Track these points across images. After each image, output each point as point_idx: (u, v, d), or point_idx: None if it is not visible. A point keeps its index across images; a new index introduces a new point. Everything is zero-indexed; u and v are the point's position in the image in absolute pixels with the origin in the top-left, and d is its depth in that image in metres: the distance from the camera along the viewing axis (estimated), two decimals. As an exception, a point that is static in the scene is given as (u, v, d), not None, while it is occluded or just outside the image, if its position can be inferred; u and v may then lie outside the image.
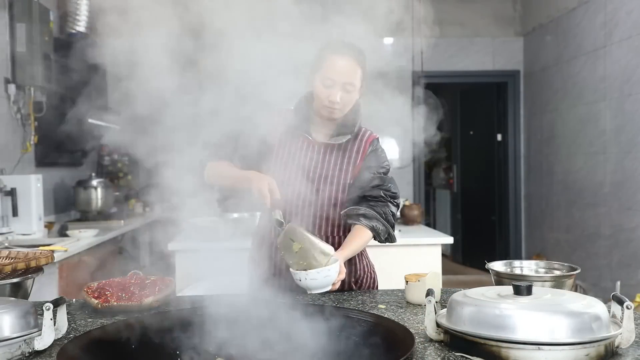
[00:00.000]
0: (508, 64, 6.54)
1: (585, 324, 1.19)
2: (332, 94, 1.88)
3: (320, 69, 1.90)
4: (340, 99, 1.89)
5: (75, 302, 1.86)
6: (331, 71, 1.88)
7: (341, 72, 1.88)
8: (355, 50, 1.93)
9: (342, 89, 1.89)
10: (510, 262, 1.87)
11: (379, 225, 1.96)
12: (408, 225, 4.16)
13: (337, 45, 1.92)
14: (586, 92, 5.11)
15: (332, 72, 1.88)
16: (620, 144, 4.59)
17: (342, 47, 1.91)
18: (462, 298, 1.33)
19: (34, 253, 1.88)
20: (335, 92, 1.88)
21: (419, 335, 1.41)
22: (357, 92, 1.95)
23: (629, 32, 4.45)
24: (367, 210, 1.96)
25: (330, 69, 1.88)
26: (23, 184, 3.58)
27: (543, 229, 6.10)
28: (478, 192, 7.34)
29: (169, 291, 1.78)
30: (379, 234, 1.97)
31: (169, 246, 3.33)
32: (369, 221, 1.95)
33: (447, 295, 1.81)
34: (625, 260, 4.54)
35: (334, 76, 1.88)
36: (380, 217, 1.96)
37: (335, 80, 1.88)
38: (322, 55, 1.92)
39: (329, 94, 1.89)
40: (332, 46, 1.92)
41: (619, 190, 4.60)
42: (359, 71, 1.92)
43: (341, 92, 1.89)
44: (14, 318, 1.29)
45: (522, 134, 6.56)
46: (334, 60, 1.89)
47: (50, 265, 2.00)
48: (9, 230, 3.47)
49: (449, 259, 7.63)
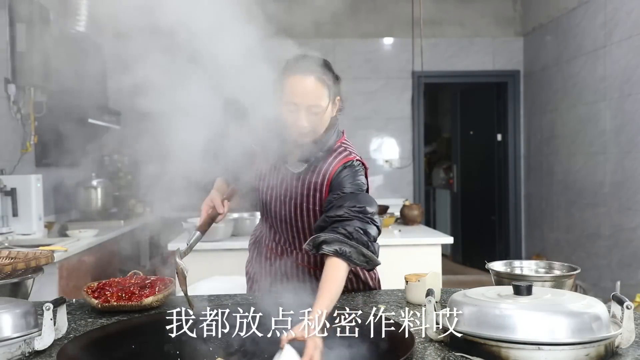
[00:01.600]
0: (508, 64, 6.54)
1: (585, 324, 1.19)
2: (299, 119, 1.70)
3: (283, 92, 1.71)
4: (309, 123, 1.71)
5: (75, 302, 1.86)
6: (292, 95, 1.69)
7: (303, 95, 1.69)
8: (316, 67, 1.71)
9: (307, 112, 1.70)
10: (510, 262, 1.88)
11: (345, 247, 1.62)
12: (408, 225, 4.16)
13: (296, 64, 1.72)
14: (586, 92, 5.11)
15: (294, 96, 1.69)
16: (620, 144, 4.59)
17: (300, 66, 1.70)
18: (462, 298, 1.33)
19: (34, 253, 1.88)
20: (300, 116, 1.69)
21: (419, 335, 1.41)
22: (325, 111, 1.73)
23: (629, 32, 4.45)
24: (327, 235, 1.65)
25: (291, 93, 1.69)
26: (23, 184, 3.58)
27: (543, 229, 6.10)
28: (478, 192, 7.34)
29: (169, 291, 1.78)
30: (350, 258, 1.62)
31: (169, 246, 3.33)
32: (329, 246, 1.63)
33: (447, 295, 1.81)
34: (625, 260, 4.54)
35: (296, 100, 1.69)
36: (344, 237, 1.63)
37: (298, 105, 1.69)
38: (282, 77, 1.72)
39: (295, 120, 1.70)
40: (290, 66, 1.72)
41: (619, 190, 4.60)
42: (323, 90, 1.71)
43: (307, 115, 1.70)
44: (14, 318, 1.29)
45: (522, 134, 6.56)
46: (293, 82, 1.69)
47: (50, 265, 2.00)
48: (9, 230, 3.47)
49: (449, 259, 7.63)
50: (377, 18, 6.43)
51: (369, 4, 6.42)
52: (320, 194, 1.80)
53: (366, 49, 6.38)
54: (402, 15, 6.25)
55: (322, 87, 1.71)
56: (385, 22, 6.44)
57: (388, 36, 6.47)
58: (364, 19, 6.42)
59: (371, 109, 6.35)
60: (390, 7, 6.41)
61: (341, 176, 1.78)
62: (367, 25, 6.42)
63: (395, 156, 6.53)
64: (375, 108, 6.38)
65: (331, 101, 1.75)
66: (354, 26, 6.40)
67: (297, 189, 1.83)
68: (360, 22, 6.41)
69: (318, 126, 1.75)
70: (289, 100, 1.70)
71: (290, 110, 1.70)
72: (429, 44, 5.91)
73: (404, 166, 6.50)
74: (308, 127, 1.72)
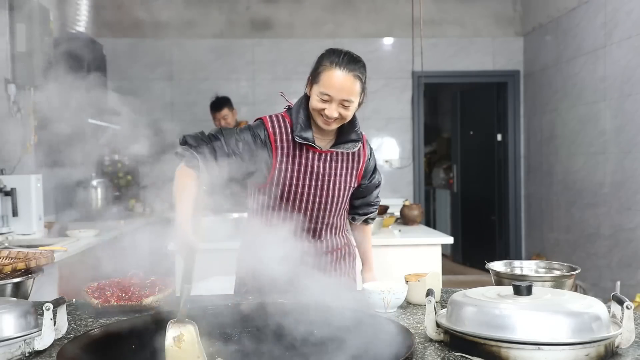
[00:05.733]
0: (508, 64, 6.54)
1: (585, 324, 1.19)
2: (329, 110, 1.82)
3: (318, 80, 1.83)
4: (338, 114, 1.84)
5: (75, 302, 1.86)
6: (329, 86, 1.80)
7: (340, 89, 1.80)
8: (355, 65, 1.83)
9: (339, 105, 1.82)
10: (510, 262, 1.88)
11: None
12: (408, 225, 4.16)
13: (338, 58, 1.82)
14: (586, 92, 5.11)
15: (330, 87, 1.80)
16: (620, 144, 4.59)
17: (342, 61, 1.81)
18: (462, 298, 1.33)
19: (34, 253, 1.88)
20: (332, 107, 1.82)
21: (419, 335, 1.41)
22: (354, 106, 1.87)
23: (629, 32, 4.45)
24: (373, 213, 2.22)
25: (327, 84, 1.80)
26: (23, 184, 3.58)
27: (543, 229, 6.10)
28: (478, 192, 7.34)
29: (169, 291, 1.78)
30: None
31: (169, 246, 3.33)
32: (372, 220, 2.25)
33: (447, 295, 1.81)
34: (625, 260, 4.54)
35: (332, 92, 1.80)
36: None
37: (332, 97, 1.81)
38: (321, 66, 1.83)
39: (326, 109, 1.82)
40: (332, 58, 1.83)
41: (619, 190, 4.60)
42: (357, 87, 1.83)
43: (338, 108, 1.82)
44: (14, 318, 1.29)
45: (522, 134, 6.56)
46: (332, 75, 1.80)
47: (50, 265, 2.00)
48: (9, 230, 3.47)
49: (449, 259, 7.63)
50: (377, 18, 6.44)
51: (369, 4, 6.42)
52: (356, 172, 2.04)
53: (366, 49, 6.36)
54: (402, 15, 6.25)
55: (358, 86, 1.84)
56: (385, 22, 6.44)
57: (388, 36, 6.47)
58: (364, 19, 6.42)
59: (371, 109, 6.34)
60: (390, 7, 6.41)
61: (373, 153, 2.11)
62: (367, 25, 6.42)
63: (395, 156, 6.53)
64: (375, 108, 6.38)
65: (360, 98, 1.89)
66: (354, 26, 6.40)
67: (331, 170, 1.98)
68: (360, 22, 6.41)
69: (345, 118, 1.88)
70: (323, 89, 1.81)
71: (323, 100, 1.82)
72: (429, 44, 5.91)
73: (404, 166, 6.51)
74: (337, 118, 1.84)
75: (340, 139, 1.96)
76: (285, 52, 6.31)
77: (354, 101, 1.84)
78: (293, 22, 6.38)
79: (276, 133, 1.92)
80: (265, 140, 1.91)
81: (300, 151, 1.93)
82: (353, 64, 1.83)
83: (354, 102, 1.84)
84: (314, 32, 6.32)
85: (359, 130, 1.98)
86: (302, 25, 6.37)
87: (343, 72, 1.80)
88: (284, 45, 6.29)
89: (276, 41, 6.33)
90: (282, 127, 1.93)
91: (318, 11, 6.39)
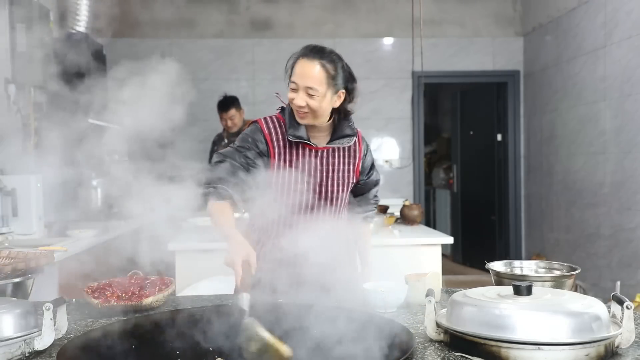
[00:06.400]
0: (508, 64, 6.54)
1: (585, 324, 1.19)
2: (297, 99, 1.86)
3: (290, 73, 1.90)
4: (306, 104, 1.86)
5: (75, 302, 1.86)
6: (294, 75, 1.87)
7: (301, 76, 1.85)
8: (322, 54, 1.87)
9: (304, 93, 1.85)
10: (510, 262, 1.88)
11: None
12: (408, 225, 4.16)
13: (306, 49, 1.89)
14: (586, 92, 5.11)
15: (294, 75, 1.87)
16: (620, 144, 4.59)
17: (308, 51, 1.88)
18: (462, 298, 1.33)
19: (34, 253, 1.88)
20: (299, 96, 1.86)
21: (419, 335, 1.41)
22: (323, 97, 1.86)
23: (629, 32, 4.45)
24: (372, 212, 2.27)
25: (294, 74, 1.88)
26: (23, 184, 3.58)
27: (543, 229, 6.10)
28: (478, 192, 7.34)
29: (169, 291, 1.78)
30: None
31: (169, 246, 3.33)
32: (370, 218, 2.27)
33: (447, 295, 1.81)
34: (625, 260, 4.54)
35: (296, 79, 1.86)
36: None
37: (298, 84, 1.86)
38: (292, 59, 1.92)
39: (295, 99, 1.87)
40: (301, 50, 1.90)
41: (619, 190, 4.60)
42: (322, 75, 1.84)
43: (305, 97, 1.85)
44: (14, 318, 1.29)
45: (522, 134, 6.56)
46: (297, 64, 1.88)
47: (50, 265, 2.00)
48: (9, 230, 3.46)
49: (449, 259, 7.63)
50: (377, 18, 6.43)
51: (369, 4, 6.42)
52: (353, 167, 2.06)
53: (366, 49, 6.38)
54: (402, 15, 6.25)
55: (322, 73, 1.84)
56: (385, 22, 6.44)
57: (388, 36, 6.47)
58: (364, 19, 6.42)
59: (371, 109, 6.34)
60: (390, 7, 6.40)
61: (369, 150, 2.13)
62: (367, 25, 6.42)
63: (395, 156, 6.53)
64: (375, 108, 6.38)
65: (331, 90, 1.87)
66: (354, 26, 6.40)
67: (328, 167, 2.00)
68: (360, 22, 6.41)
69: (316, 110, 1.87)
70: (292, 79, 1.88)
71: (291, 89, 1.88)
72: (429, 44, 5.91)
73: (404, 166, 6.51)
74: (304, 108, 1.86)
75: (335, 135, 1.99)
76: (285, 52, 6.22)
77: (318, 89, 1.84)
78: (293, 22, 6.38)
79: (272, 134, 1.96)
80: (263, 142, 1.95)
81: (297, 150, 1.96)
82: (319, 53, 1.87)
83: (319, 91, 1.84)
84: (314, 32, 6.31)
85: (353, 126, 2.02)
86: (302, 25, 6.37)
87: (306, 60, 1.86)
88: (284, 45, 6.29)
89: (276, 41, 6.33)
90: (277, 128, 1.97)
91: (318, 11, 6.39)
